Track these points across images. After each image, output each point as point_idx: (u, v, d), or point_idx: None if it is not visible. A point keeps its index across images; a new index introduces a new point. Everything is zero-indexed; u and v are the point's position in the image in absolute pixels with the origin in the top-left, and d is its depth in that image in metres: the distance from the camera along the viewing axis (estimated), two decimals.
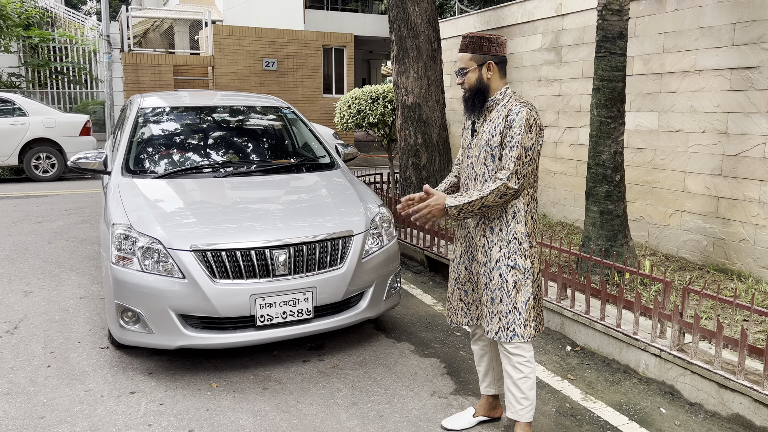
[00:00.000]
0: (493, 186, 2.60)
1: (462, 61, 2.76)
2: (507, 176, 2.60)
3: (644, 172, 6.03)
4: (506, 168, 2.62)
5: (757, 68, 4.90)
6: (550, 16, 7.24)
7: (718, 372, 3.14)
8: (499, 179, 2.61)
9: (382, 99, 8.09)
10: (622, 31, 4.56)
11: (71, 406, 3.22)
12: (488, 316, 2.76)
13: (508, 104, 2.71)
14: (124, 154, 4.48)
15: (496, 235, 2.73)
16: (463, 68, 2.76)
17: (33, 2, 18.11)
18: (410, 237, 6.07)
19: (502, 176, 2.61)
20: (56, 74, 18.27)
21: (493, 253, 2.73)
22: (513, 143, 2.62)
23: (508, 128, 2.64)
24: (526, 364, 2.75)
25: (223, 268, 3.42)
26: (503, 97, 2.75)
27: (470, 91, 2.76)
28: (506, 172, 2.61)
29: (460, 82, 2.78)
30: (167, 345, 3.45)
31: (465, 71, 2.75)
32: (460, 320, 2.97)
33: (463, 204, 2.63)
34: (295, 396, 3.37)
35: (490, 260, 2.74)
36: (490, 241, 2.74)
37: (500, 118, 2.69)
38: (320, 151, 5.10)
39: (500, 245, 2.72)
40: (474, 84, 2.75)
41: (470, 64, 2.74)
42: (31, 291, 5.06)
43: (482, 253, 2.77)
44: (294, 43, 17.58)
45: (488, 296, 2.76)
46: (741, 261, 5.09)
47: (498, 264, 2.71)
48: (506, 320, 2.70)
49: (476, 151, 2.77)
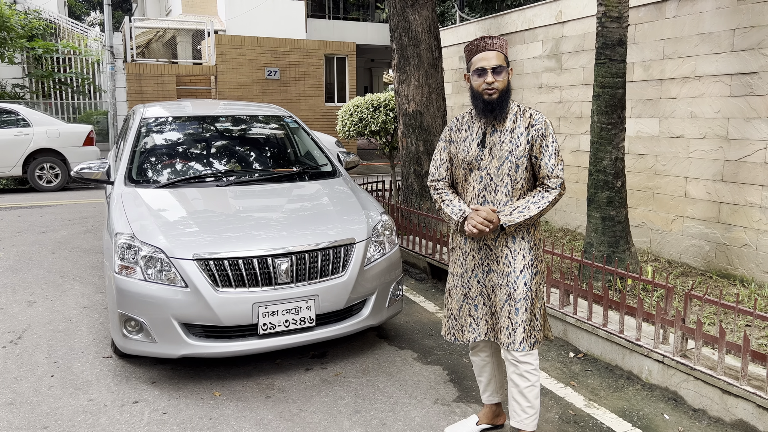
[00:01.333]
0: (551, 197, 2.65)
1: (498, 59, 2.65)
2: (560, 184, 2.66)
3: (646, 178, 6.03)
4: (557, 176, 2.66)
5: (757, 74, 4.92)
6: (550, 24, 7.27)
7: (722, 378, 3.13)
8: (553, 189, 2.65)
9: (383, 107, 8.11)
10: (622, 38, 4.58)
11: (74, 416, 3.23)
12: (510, 328, 2.70)
13: (523, 112, 2.71)
14: (126, 164, 4.51)
15: (519, 243, 2.72)
16: (501, 66, 2.65)
17: (37, 14, 18.25)
18: (412, 244, 6.07)
19: (554, 185, 2.65)
20: (60, 85, 18.38)
21: (516, 262, 2.70)
22: (551, 151, 2.66)
23: (541, 137, 2.66)
24: (534, 372, 2.73)
25: (226, 276, 3.44)
26: (511, 105, 2.73)
27: (501, 92, 2.67)
28: (558, 181, 2.65)
29: (490, 82, 2.63)
30: (170, 354, 3.45)
31: (501, 70, 2.65)
32: (468, 336, 2.87)
33: (523, 221, 2.64)
34: (298, 404, 3.37)
35: (514, 270, 2.70)
36: (513, 250, 2.72)
37: (522, 126, 2.68)
38: (322, 159, 5.12)
39: (523, 254, 2.71)
40: (506, 86, 2.68)
41: (505, 64, 2.67)
42: (35, 301, 5.07)
43: (505, 264, 2.72)
44: (296, 52, 17.66)
45: (512, 307, 2.70)
46: (743, 266, 5.08)
47: (523, 273, 2.69)
48: (529, 328, 2.70)
49: (495, 162, 2.70)
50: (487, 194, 2.74)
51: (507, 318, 2.72)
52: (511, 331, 2.70)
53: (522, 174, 2.70)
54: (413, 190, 6.90)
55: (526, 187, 2.74)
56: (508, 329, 2.71)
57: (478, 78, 2.67)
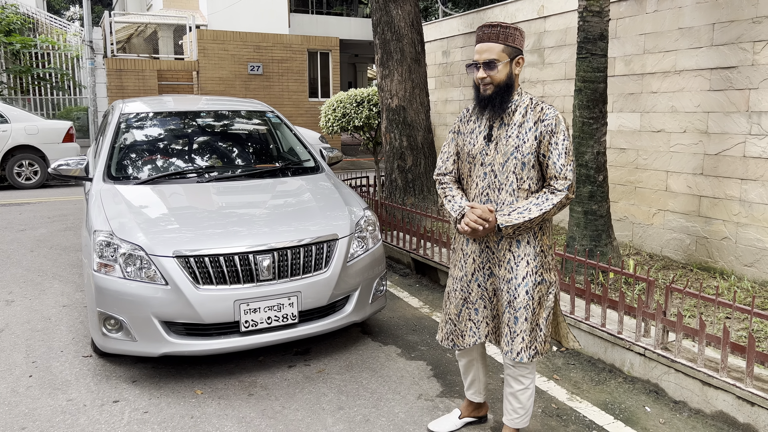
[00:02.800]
0: (556, 199, 2.45)
1: (493, 52, 2.46)
2: (567, 186, 2.45)
3: (627, 172, 6.08)
4: (565, 177, 2.46)
5: (736, 68, 4.96)
6: (533, 18, 7.29)
7: (702, 370, 3.16)
8: (560, 191, 2.46)
9: (367, 102, 8.09)
10: (603, 33, 4.59)
11: (53, 416, 3.18)
12: (509, 336, 2.57)
13: (534, 106, 2.51)
14: (105, 160, 4.44)
15: (523, 248, 2.54)
16: (495, 60, 2.46)
17: (14, 8, 17.93)
18: (397, 240, 6.06)
19: (561, 187, 2.46)
20: (39, 81, 18.09)
21: (519, 268, 2.54)
22: (561, 150, 2.46)
23: (550, 134, 2.46)
24: (528, 375, 2.68)
25: (207, 273, 3.40)
26: (523, 98, 2.54)
27: (497, 87, 2.49)
28: (566, 182, 2.45)
29: (482, 77, 2.48)
30: (151, 352, 3.41)
31: (496, 64, 2.47)
32: (468, 341, 2.71)
33: (522, 222, 2.46)
34: (280, 402, 3.35)
35: (515, 276, 2.54)
36: (517, 255, 2.55)
37: (531, 121, 2.48)
38: (304, 154, 5.09)
39: (527, 260, 2.54)
40: (504, 80, 2.48)
41: (502, 57, 2.47)
42: (12, 300, 4.99)
43: (506, 269, 2.57)
44: (279, 47, 17.54)
45: (511, 315, 2.56)
46: (723, 259, 5.14)
47: (525, 280, 2.53)
48: (529, 339, 2.54)
49: (500, 159, 2.53)
50: (490, 192, 2.57)
51: (506, 325, 2.58)
52: (509, 339, 2.57)
53: (529, 173, 2.51)
54: (397, 186, 6.89)
55: (534, 187, 2.55)
56: (506, 337, 2.59)
57: (474, 71, 2.54)
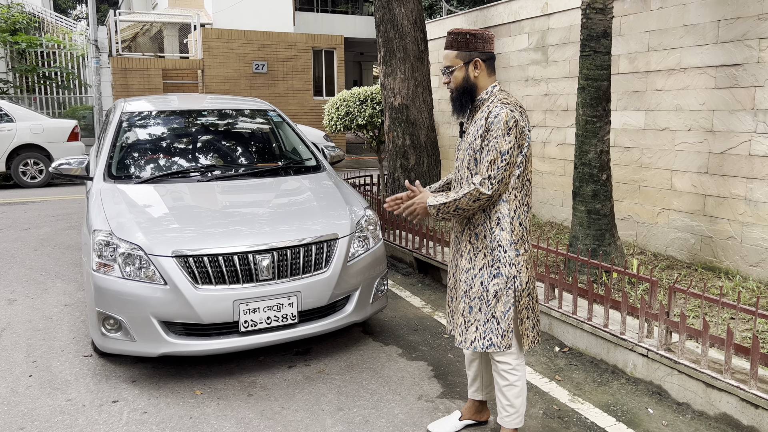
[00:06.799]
0: (466, 190, 2.54)
1: (447, 59, 2.65)
2: (479, 181, 2.52)
3: (631, 171, 6.03)
4: (480, 172, 2.54)
5: (742, 65, 4.90)
6: (536, 16, 7.24)
7: (705, 371, 3.13)
8: (472, 183, 2.54)
9: (370, 101, 8.06)
10: (607, 30, 4.55)
11: (52, 416, 3.17)
12: (463, 325, 2.68)
13: (490, 105, 2.59)
14: (106, 159, 4.43)
15: (481, 242, 2.64)
16: (449, 66, 2.65)
17: (20, 7, 17.98)
18: (399, 239, 6.04)
19: (475, 180, 2.54)
20: (44, 79, 18.14)
21: (477, 260, 2.64)
22: (489, 147, 2.52)
23: (487, 131, 2.54)
24: (512, 372, 2.69)
25: (206, 273, 3.38)
26: (489, 97, 2.64)
27: (457, 90, 2.66)
28: (479, 177, 2.53)
29: (446, 81, 2.67)
30: (150, 352, 3.40)
31: (451, 69, 2.65)
32: (449, 328, 2.86)
33: (439, 204, 2.59)
34: (280, 402, 3.33)
35: (473, 267, 2.65)
36: (475, 247, 2.66)
37: (482, 119, 2.58)
38: (306, 153, 5.07)
39: (484, 252, 2.63)
40: (460, 83, 2.64)
41: (456, 62, 2.63)
42: (15, 299, 4.99)
43: (466, 260, 2.69)
44: (284, 46, 17.51)
45: (466, 304, 2.67)
46: (728, 259, 5.09)
47: (481, 272, 2.63)
48: (483, 329, 2.62)
49: (462, 154, 2.68)
50: (456, 186, 2.74)
51: (461, 315, 2.70)
52: (463, 328, 2.68)
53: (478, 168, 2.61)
54: (400, 184, 6.86)
55: None
56: (461, 326, 2.69)
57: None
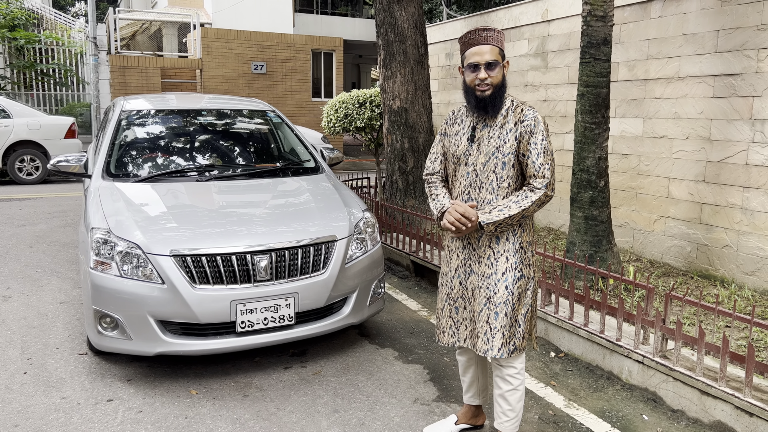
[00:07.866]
0: (535, 197, 2.53)
1: (493, 54, 2.55)
2: (546, 184, 2.53)
3: (629, 178, 6.05)
4: (543, 176, 2.54)
5: (740, 75, 4.93)
6: (537, 22, 7.27)
7: (700, 379, 3.14)
8: (538, 189, 2.53)
9: (369, 103, 8.06)
10: (607, 37, 4.57)
11: (46, 414, 3.16)
12: (489, 333, 2.62)
13: (515, 108, 2.60)
14: (105, 157, 4.43)
15: (503, 244, 2.62)
16: (495, 61, 2.55)
17: (19, 3, 17.94)
18: (396, 242, 6.04)
19: (539, 185, 2.53)
20: (42, 76, 18.09)
21: (499, 264, 2.61)
22: (540, 149, 2.54)
23: (530, 134, 2.54)
24: (517, 376, 2.69)
25: (203, 273, 3.38)
26: (506, 100, 2.63)
27: (495, 88, 2.57)
28: (544, 181, 2.53)
29: (484, 77, 2.55)
30: (146, 351, 3.39)
31: (495, 65, 2.56)
32: (447, 339, 2.80)
33: (502, 219, 2.53)
34: (275, 403, 3.32)
35: (495, 272, 2.61)
36: (497, 251, 2.62)
37: (511, 122, 2.57)
38: (305, 155, 5.07)
39: (507, 255, 2.61)
40: (500, 81, 2.58)
41: (499, 59, 2.57)
42: (10, 296, 4.97)
43: (487, 265, 2.64)
44: (283, 47, 17.51)
45: (491, 311, 2.61)
46: (724, 267, 5.11)
47: (504, 276, 2.60)
48: (509, 334, 2.60)
49: (482, 158, 2.62)
50: (471, 191, 2.67)
51: (485, 322, 2.63)
52: (489, 336, 2.62)
53: (509, 172, 2.60)
54: (398, 187, 6.87)
55: (514, 186, 2.63)
56: (486, 334, 2.63)
57: (471, 73, 2.59)
